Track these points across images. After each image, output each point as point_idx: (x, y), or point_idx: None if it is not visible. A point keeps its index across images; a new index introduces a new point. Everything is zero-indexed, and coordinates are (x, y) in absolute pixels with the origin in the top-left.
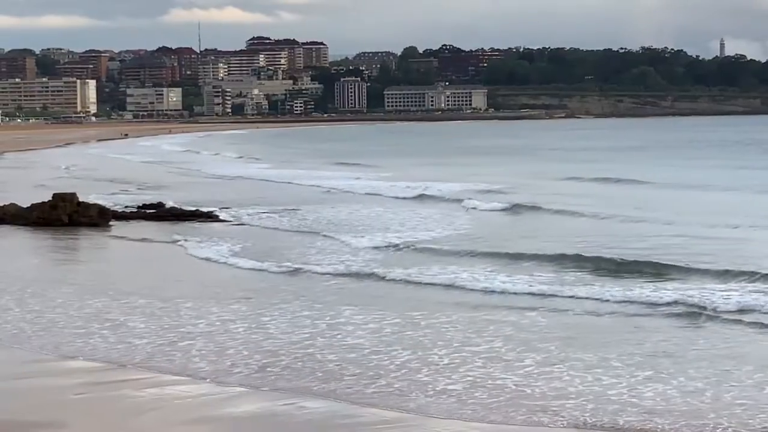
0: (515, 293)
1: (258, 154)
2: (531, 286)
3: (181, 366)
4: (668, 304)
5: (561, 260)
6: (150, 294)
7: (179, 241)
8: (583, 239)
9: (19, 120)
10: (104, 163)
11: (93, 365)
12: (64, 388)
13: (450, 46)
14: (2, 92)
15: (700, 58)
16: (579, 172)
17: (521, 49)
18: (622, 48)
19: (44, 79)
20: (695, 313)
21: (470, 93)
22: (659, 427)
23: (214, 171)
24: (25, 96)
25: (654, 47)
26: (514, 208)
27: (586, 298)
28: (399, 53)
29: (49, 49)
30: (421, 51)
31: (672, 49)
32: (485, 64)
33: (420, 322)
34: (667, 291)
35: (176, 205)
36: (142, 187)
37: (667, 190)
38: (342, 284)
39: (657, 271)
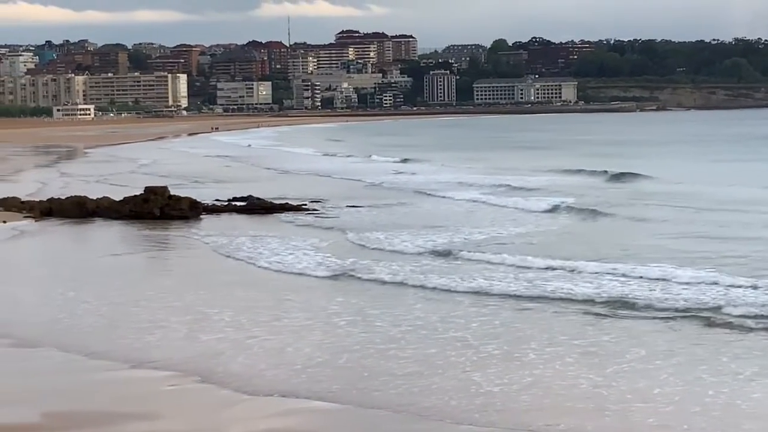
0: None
1: (334, 148)
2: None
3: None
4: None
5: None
6: (249, 286)
7: (275, 234)
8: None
9: (111, 114)
10: (186, 159)
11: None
12: (157, 380)
13: (540, 38)
14: (95, 87)
15: None
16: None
17: (612, 41)
18: (714, 39)
19: (136, 74)
20: None
21: (560, 86)
22: None
23: (299, 166)
24: (117, 90)
25: (747, 38)
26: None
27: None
28: (488, 46)
29: (140, 43)
30: (510, 43)
31: (766, 40)
32: (575, 57)
33: (533, 315)
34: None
35: (265, 198)
36: (218, 181)
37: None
38: (452, 279)
39: None
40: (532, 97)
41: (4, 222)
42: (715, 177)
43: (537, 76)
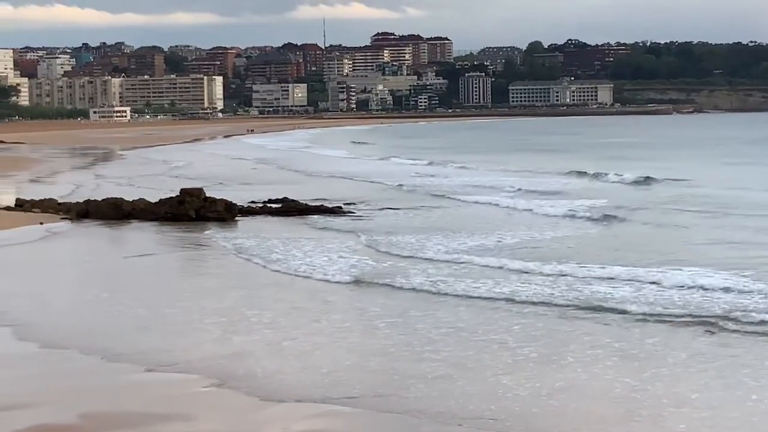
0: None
1: (364, 150)
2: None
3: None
4: None
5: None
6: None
7: (310, 236)
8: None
9: (147, 116)
10: (216, 161)
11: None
12: (191, 381)
13: (575, 40)
14: (132, 89)
15: None
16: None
17: (648, 43)
18: (752, 41)
19: (172, 76)
20: None
21: (596, 88)
22: None
23: (327, 168)
24: (153, 92)
25: None
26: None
27: None
28: (524, 48)
29: (177, 46)
30: (546, 46)
31: None
32: (611, 59)
33: (573, 320)
34: None
35: (300, 201)
36: (246, 183)
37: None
38: (498, 283)
39: None
40: (568, 100)
41: (41, 223)
42: (749, 181)
43: (573, 78)
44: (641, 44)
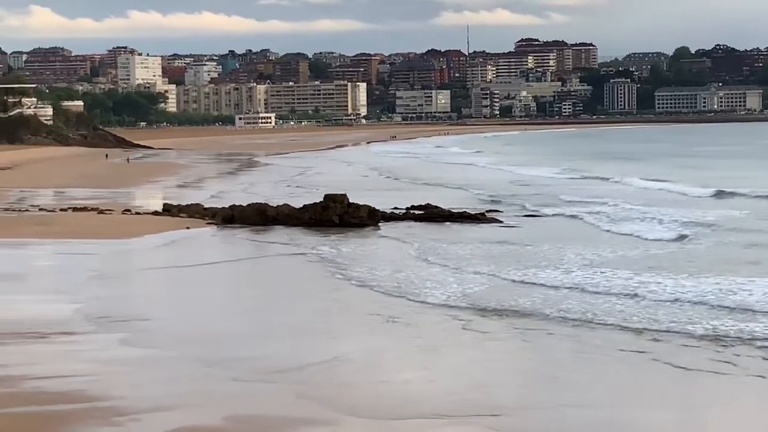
0: None
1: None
2: None
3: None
4: None
5: None
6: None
7: (468, 248)
8: None
9: (292, 123)
10: (352, 169)
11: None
12: (328, 385)
13: (724, 45)
14: (276, 95)
15: None
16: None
17: None
18: None
19: (316, 83)
20: None
21: (744, 94)
22: None
23: (466, 176)
24: (298, 99)
25: None
26: None
27: None
28: (670, 53)
29: (321, 52)
30: (693, 51)
31: None
32: (761, 64)
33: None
34: None
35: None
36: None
37: None
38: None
39: None
40: (716, 106)
41: (188, 228)
42: None
43: (720, 84)
44: None
